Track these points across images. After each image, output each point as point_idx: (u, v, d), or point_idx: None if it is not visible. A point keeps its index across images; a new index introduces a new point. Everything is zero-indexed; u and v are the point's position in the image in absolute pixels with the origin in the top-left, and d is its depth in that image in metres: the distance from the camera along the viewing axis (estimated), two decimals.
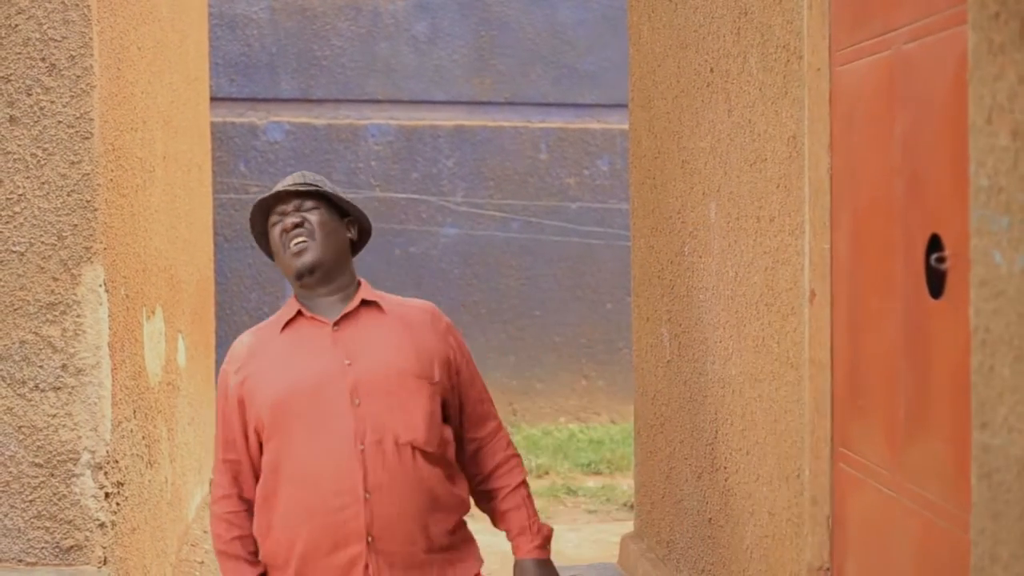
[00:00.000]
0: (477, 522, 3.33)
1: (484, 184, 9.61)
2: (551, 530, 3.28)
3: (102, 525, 4.37)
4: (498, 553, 3.55)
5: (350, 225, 3.23)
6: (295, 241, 3.10)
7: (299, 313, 3.15)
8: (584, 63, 9.72)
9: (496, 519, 3.29)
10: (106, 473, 4.38)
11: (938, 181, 2.60)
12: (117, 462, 4.51)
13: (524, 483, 3.28)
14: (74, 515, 4.34)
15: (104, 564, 4.37)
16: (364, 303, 3.16)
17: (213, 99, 8.64)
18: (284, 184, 3.18)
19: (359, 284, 3.21)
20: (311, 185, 3.17)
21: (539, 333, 9.65)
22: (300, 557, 3.05)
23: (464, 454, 3.25)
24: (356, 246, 3.27)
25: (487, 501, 3.29)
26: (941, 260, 2.56)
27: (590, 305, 9.71)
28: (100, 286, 4.36)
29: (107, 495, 4.39)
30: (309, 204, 3.15)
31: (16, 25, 4.29)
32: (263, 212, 3.20)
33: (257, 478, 3.14)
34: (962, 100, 2.26)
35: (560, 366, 9.68)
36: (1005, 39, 1.83)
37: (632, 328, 5.42)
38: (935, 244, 2.60)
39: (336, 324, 3.12)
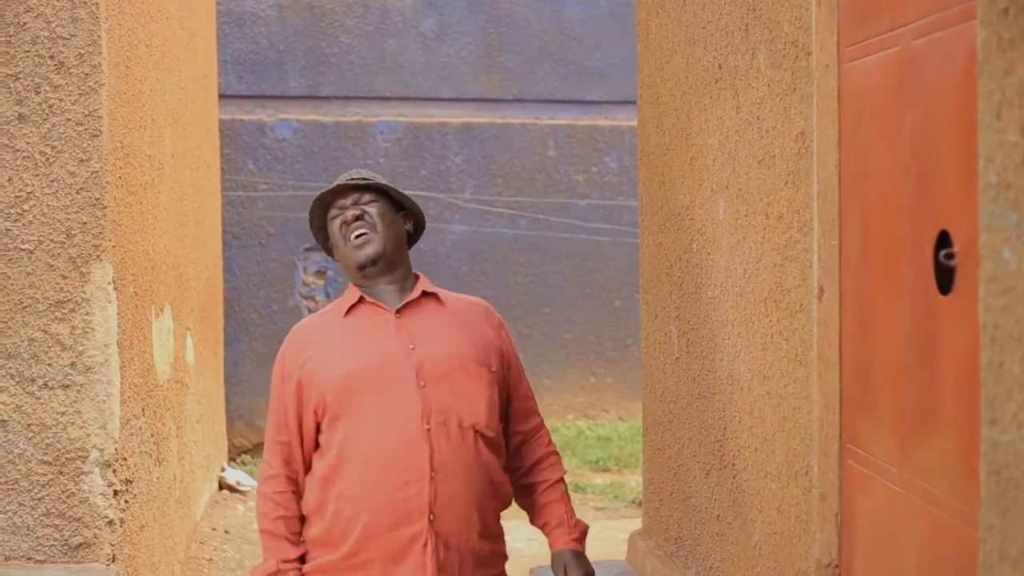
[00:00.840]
0: None
1: (492, 181, 9.60)
2: (587, 527, 3.38)
3: (111, 522, 4.38)
4: (512, 554, 3.56)
5: (406, 218, 3.33)
6: (356, 233, 3.21)
7: (361, 299, 3.23)
8: (592, 60, 9.71)
9: (534, 512, 3.38)
10: (115, 471, 4.39)
11: (947, 177, 2.60)
12: (126, 460, 4.51)
13: (562, 480, 3.39)
14: (83, 513, 4.35)
15: (113, 561, 4.38)
16: (424, 294, 3.27)
17: (221, 96, 8.65)
18: (342, 179, 3.27)
19: (416, 277, 3.32)
20: (368, 179, 3.26)
21: (547, 330, 9.64)
22: (360, 533, 3.09)
23: (508, 447, 3.35)
24: (411, 239, 3.38)
25: (526, 495, 3.39)
26: (950, 256, 2.55)
27: (598, 302, 9.70)
28: (109, 284, 4.36)
29: (116, 493, 4.40)
30: (368, 197, 3.25)
31: (24, 23, 4.29)
32: (322, 207, 3.28)
33: (307, 461, 3.20)
34: (971, 96, 2.25)
35: (568, 363, 9.68)
36: (1014, 35, 1.82)
37: (640, 325, 5.42)
38: (944, 240, 2.60)
39: (398, 312, 3.22)
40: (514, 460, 3.36)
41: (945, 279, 2.59)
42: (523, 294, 9.62)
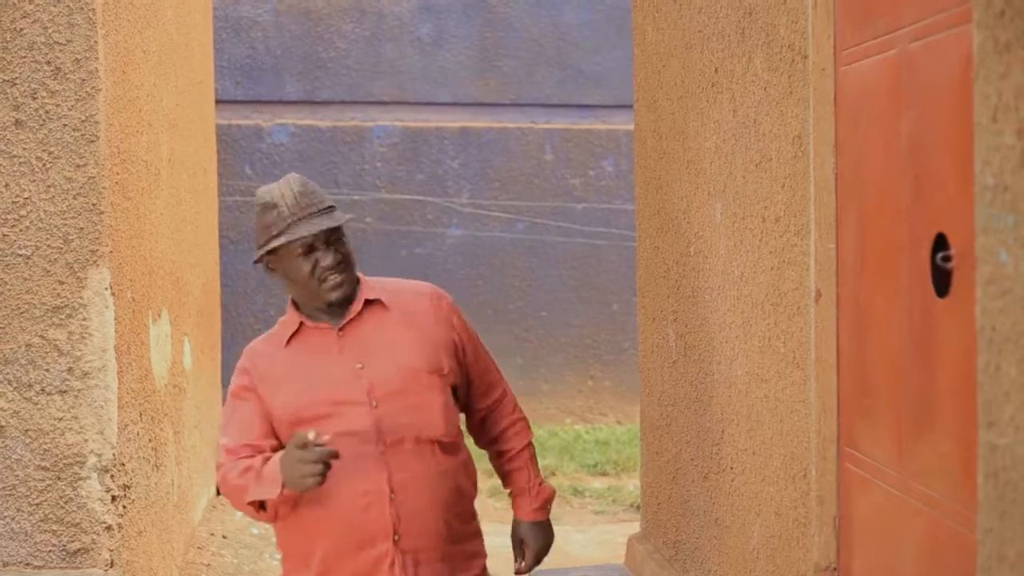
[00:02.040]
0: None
1: (489, 185, 9.61)
2: (552, 492, 3.37)
3: (109, 528, 4.38)
4: (502, 554, 3.56)
5: None
6: (337, 277, 3.08)
7: (301, 325, 3.15)
8: (589, 64, 9.72)
9: (503, 479, 3.39)
10: (112, 476, 4.38)
11: (944, 180, 2.60)
12: (123, 465, 4.51)
13: (529, 445, 3.36)
14: (81, 518, 4.35)
15: (111, 567, 4.38)
16: (366, 303, 3.17)
17: (218, 102, 8.64)
18: (309, 212, 3.07)
19: (358, 281, 3.19)
20: (335, 211, 3.12)
21: (545, 334, 9.64)
22: (323, 557, 3.08)
23: (472, 422, 3.34)
24: None
25: (496, 464, 3.39)
26: (947, 259, 2.55)
27: (596, 306, 9.71)
28: (106, 289, 4.36)
29: (113, 498, 4.40)
30: (335, 235, 3.11)
31: (21, 29, 4.29)
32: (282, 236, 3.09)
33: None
34: (967, 99, 2.25)
35: (566, 367, 9.68)
36: (1011, 37, 1.82)
37: (638, 329, 5.42)
38: (941, 243, 2.60)
39: (341, 329, 3.13)
40: (479, 433, 3.34)
41: (942, 282, 2.59)
42: (520, 298, 9.62)
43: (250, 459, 3.07)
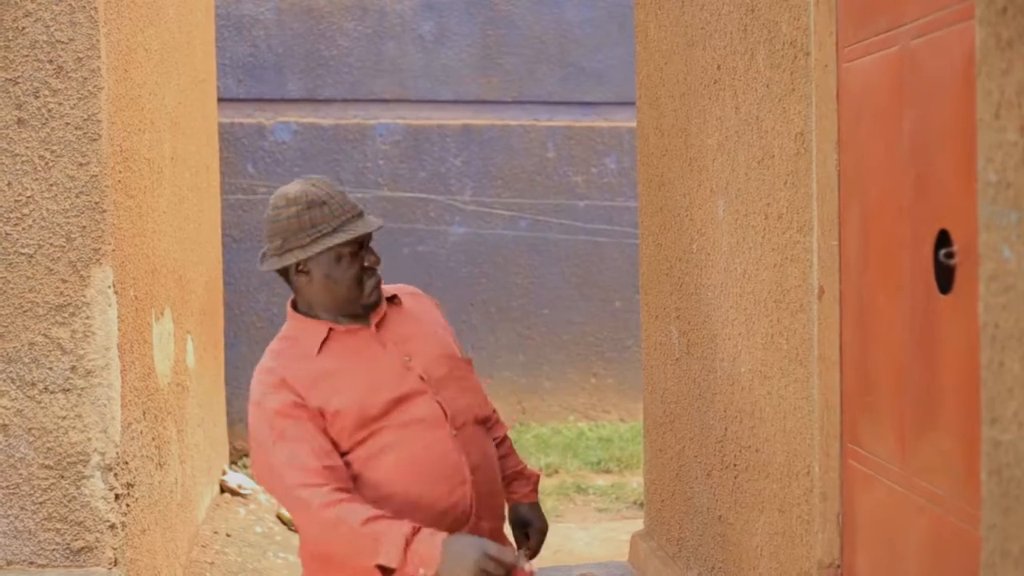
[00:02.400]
0: None
1: (492, 183, 9.60)
2: (539, 475, 3.44)
3: (112, 526, 4.38)
4: None
5: None
6: (374, 280, 3.09)
7: (331, 331, 3.10)
8: (591, 61, 9.71)
9: None
10: (116, 474, 4.39)
11: (946, 177, 2.60)
12: (127, 463, 4.51)
13: (507, 435, 3.43)
14: (84, 517, 4.35)
15: (115, 565, 4.38)
16: (387, 300, 3.20)
17: (220, 100, 8.64)
18: (359, 211, 3.08)
19: None
20: (376, 218, 3.12)
21: (548, 331, 9.64)
22: None
23: None
24: None
25: None
26: (950, 255, 2.55)
27: (599, 303, 9.70)
28: (109, 287, 4.36)
29: (117, 496, 4.40)
30: (369, 236, 3.11)
31: (23, 28, 4.29)
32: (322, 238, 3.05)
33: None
34: (970, 95, 2.25)
35: (569, 364, 9.68)
36: (1013, 34, 1.82)
37: (641, 326, 5.42)
38: (944, 240, 2.60)
39: (377, 326, 3.13)
40: None
41: (945, 278, 2.59)
42: (523, 296, 9.61)
43: (370, 508, 2.91)
